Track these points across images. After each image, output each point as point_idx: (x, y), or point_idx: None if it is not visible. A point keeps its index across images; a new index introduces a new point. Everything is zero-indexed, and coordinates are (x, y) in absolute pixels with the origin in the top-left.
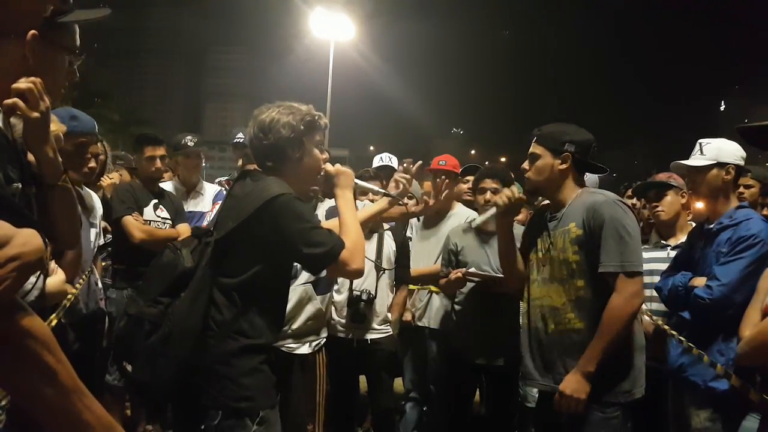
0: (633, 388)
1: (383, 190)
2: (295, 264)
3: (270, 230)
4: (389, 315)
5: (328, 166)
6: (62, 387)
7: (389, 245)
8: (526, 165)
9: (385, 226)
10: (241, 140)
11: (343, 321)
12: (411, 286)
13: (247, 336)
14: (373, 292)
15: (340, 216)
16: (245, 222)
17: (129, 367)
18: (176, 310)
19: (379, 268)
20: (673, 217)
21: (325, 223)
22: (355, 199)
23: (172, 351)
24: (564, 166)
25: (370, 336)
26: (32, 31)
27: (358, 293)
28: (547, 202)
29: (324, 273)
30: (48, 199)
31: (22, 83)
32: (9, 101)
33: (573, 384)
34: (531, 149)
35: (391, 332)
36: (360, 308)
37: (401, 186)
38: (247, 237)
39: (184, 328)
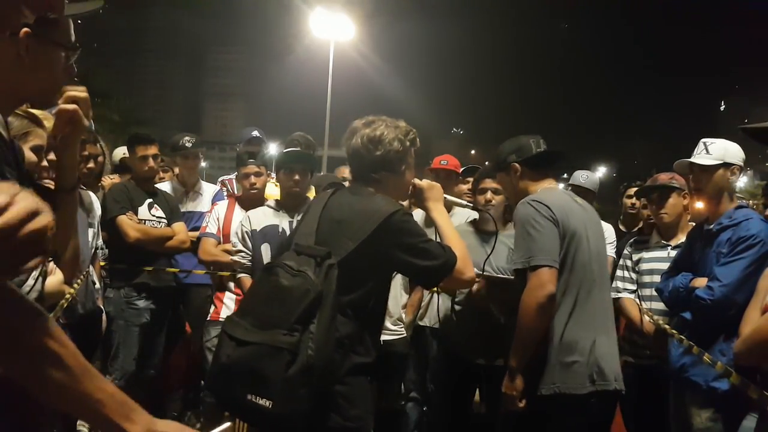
0: (555, 382)
1: (469, 203)
2: None
3: (388, 247)
4: (403, 315)
5: (419, 181)
6: (69, 369)
7: None
8: (494, 199)
9: None
10: (259, 136)
11: None
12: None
13: (359, 354)
14: None
15: (439, 228)
16: (366, 240)
17: (266, 403)
18: (317, 338)
19: None
20: (675, 218)
21: None
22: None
23: (315, 381)
24: (517, 174)
25: (383, 337)
26: (24, 29)
27: None
28: None
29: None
30: (62, 204)
31: (81, 92)
32: (70, 107)
33: (506, 381)
34: (494, 186)
35: (405, 334)
36: None
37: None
38: (365, 255)
39: (327, 357)
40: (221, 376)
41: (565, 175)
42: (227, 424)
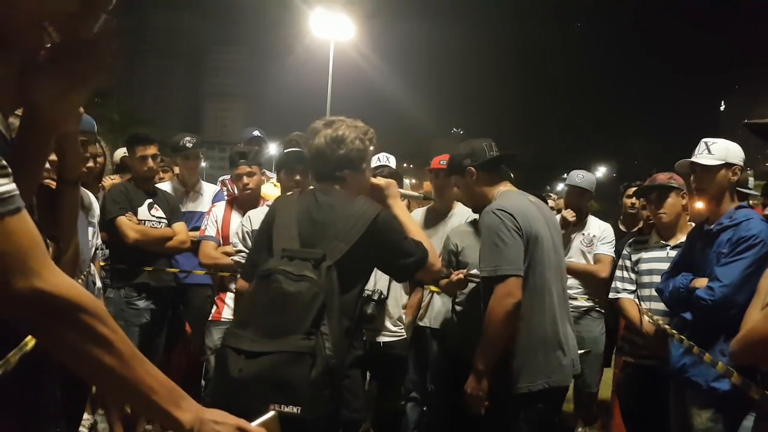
0: (542, 378)
1: (420, 194)
2: None
3: (377, 247)
4: (403, 316)
5: (375, 179)
6: (121, 355)
7: None
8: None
9: None
10: (260, 136)
11: None
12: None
13: (356, 348)
14: (385, 293)
15: (403, 224)
16: (358, 242)
17: (294, 410)
18: (333, 339)
19: None
20: (674, 218)
21: None
22: None
23: (336, 381)
24: (473, 178)
25: (382, 339)
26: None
27: (370, 293)
28: None
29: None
30: (64, 194)
31: None
32: None
33: (470, 383)
34: (453, 184)
35: (404, 336)
36: (370, 307)
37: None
38: (357, 256)
39: (342, 356)
40: (234, 390)
41: (565, 175)
42: (272, 413)
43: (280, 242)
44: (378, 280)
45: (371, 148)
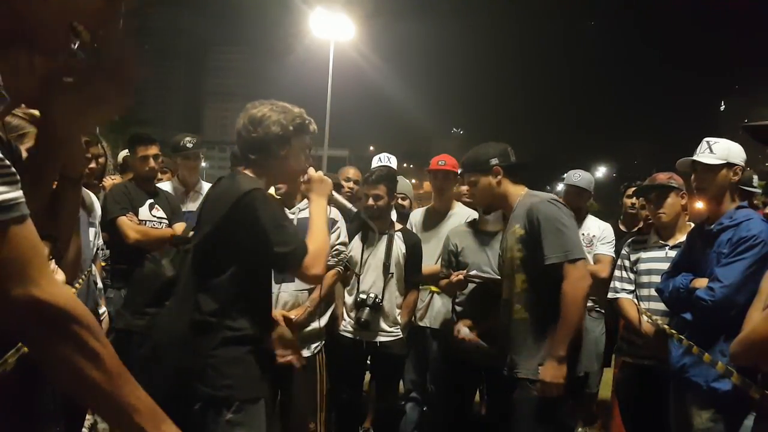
0: (577, 365)
1: (352, 208)
2: None
3: (244, 226)
4: (399, 317)
5: (312, 171)
6: (108, 371)
7: (399, 247)
8: (467, 194)
9: (397, 227)
10: None
11: (352, 322)
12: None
13: (232, 329)
14: (380, 296)
15: (310, 221)
16: (221, 222)
17: None
18: (162, 319)
19: (387, 271)
20: (673, 218)
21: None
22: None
23: (163, 359)
24: (498, 178)
25: (379, 339)
26: None
27: (365, 297)
28: None
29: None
30: (65, 192)
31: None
32: None
33: (549, 371)
34: (466, 181)
35: (401, 335)
36: (365, 314)
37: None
38: (224, 237)
39: (172, 335)
40: None
41: (564, 176)
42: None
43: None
44: (373, 283)
45: (304, 136)
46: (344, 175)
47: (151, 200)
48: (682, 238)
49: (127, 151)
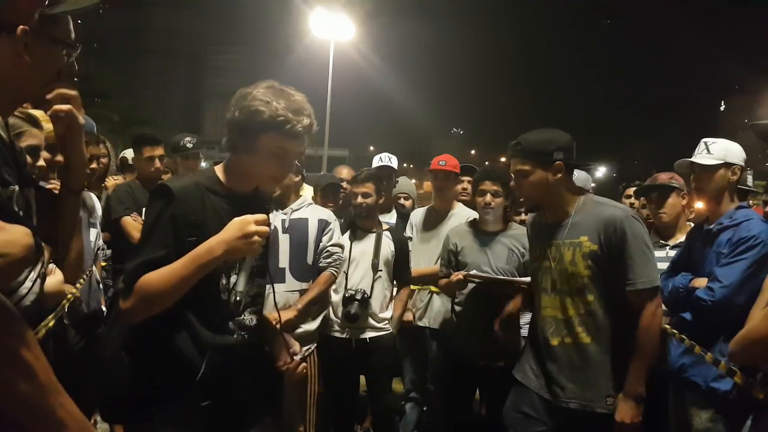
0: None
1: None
2: (282, 267)
3: None
4: (387, 314)
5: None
6: (38, 384)
7: (387, 246)
8: (513, 183)
9: (384, 226)
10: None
11: (340, 321)
12: (412, 287)
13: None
14: (368, 292)
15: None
16: None
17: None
18: (103, 338)
19: (376, 269)
20: (674, 218)
21: None
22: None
23: (105, 376)
24: (559, 176)
25: (368, 335)
26: (21, 27)
27: (353, 292)
28: None
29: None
30: (66, 201)
31: (71, 90)
32: (64, 107)
33: (629, 411)
34: (517, 166)
35: (391, 330)
36: (353, 308)
37: None
38: None
39: (108, 353)
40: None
41: None
42: None
43: None
44: (361, 280)
45: (282, 135)
46: (338, 175)
47: None
48: (682, 238)
49: (130, 151)
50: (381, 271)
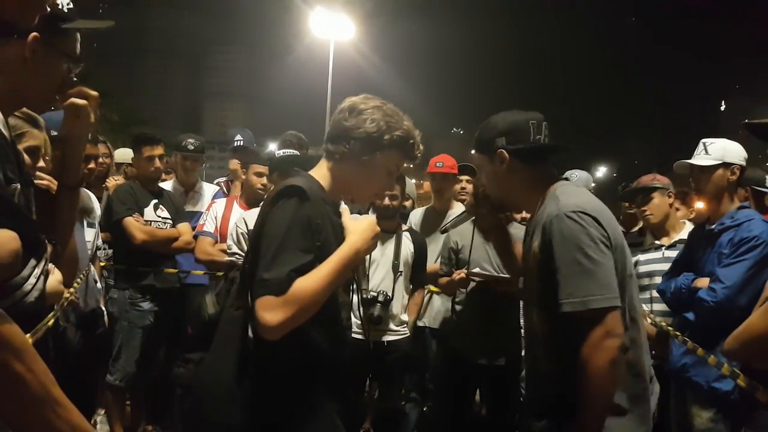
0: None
1: None
2: None
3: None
4: (404, 316)
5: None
6: (31, 397)
7: (407, 247)
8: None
9: (404, 227)
10: (241, 143)
11: (359, 322)
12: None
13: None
14: (390, 294)
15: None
16: (255, 240)
17: None
18: (203, 367)
19: (396, 270)
20: (662, 218)
21: None
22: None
23: (206, 414)
24: (503, 166)
25: (387, 338)
26: (34, 33)
27: (375, 294)
28: None
29: None
30: (63, 198)
31: (92, 91)
32: (81, 101)
33: None
34: (475, 163)
35: (408, 334)
36: (376, 309)
37: None
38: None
39: (214, 386)
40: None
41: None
42: None
43: None
44: (382, 281)
45: (401, 155)
46: None
47: (156, 200)
48: (676, 236)
49: (119, 151)
50: (401, 272)
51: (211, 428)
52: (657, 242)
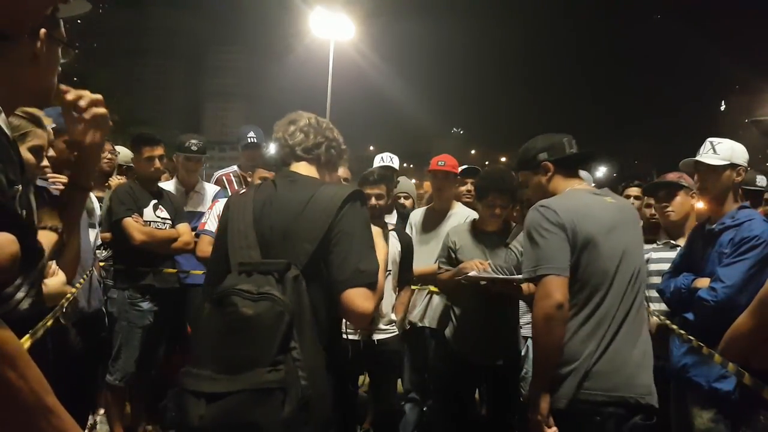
0: (557, 400)
1: None
2: None
3: (338, 240)
4: (393, 315)
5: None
6: (23, 405)
7: (394, 246)
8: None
9: (390, 226)
10: (254, 140)
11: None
12: (412, 287)
13: (334, 369)
14: None
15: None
16: (326, 238)
17: None
18: (309, 366)
19: (385, 269)
20: (682, 217)
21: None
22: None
23: (317, 413)
24: (548, 175)
25: (376, 337)
26: (43, 30)
27: None
28: None
29: None
30: (73, 198)
31: (98, 95)
32: (103, 111)
33: (530, 408)
34: (520, 179)
35: (397, 332)
36: None
37: None
38: (326, 251)
39: (322, 384)
40: None
41: None
42: None
43: (234, 254)
44: None
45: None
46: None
47: (155, 201)
48: None
49: (128, 151)
50: (389, 271)
51: (316, 425)
52: (673, 242)
